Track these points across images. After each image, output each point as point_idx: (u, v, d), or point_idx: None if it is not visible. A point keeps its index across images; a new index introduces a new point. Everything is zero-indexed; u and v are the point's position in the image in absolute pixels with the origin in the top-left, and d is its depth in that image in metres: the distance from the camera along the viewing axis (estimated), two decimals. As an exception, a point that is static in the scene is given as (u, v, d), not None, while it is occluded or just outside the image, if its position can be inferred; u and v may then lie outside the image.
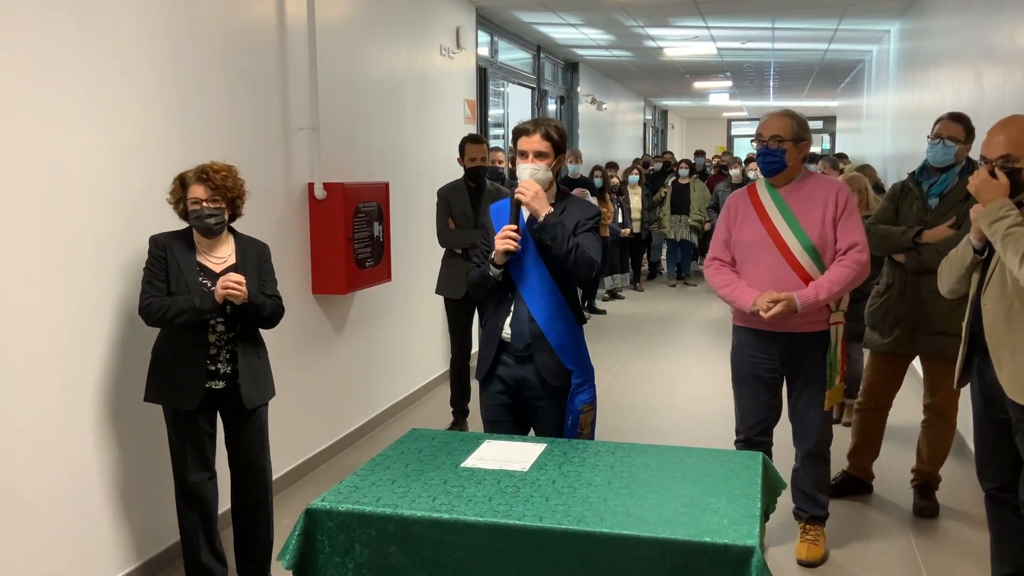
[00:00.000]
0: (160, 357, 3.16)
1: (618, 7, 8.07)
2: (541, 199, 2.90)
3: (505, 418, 3.11)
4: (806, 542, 3.58)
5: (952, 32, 6.20)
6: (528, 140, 2.98)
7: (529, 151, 2.97)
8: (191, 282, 3.09)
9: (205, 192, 3.07)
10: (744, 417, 3.59)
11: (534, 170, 2.95)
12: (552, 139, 2.99)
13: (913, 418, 4.48)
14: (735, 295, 3.40)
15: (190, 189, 3.08)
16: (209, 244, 3.18)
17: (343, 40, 5.01)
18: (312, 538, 2.30)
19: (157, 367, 3.16)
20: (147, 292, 3.08)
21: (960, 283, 3.02)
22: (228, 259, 3.20)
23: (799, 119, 3.40)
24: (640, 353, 7.75)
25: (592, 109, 12.95)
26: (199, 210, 3.08)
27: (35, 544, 3.00)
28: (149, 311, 3.05)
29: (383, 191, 5.15)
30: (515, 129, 3.06)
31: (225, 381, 3.15)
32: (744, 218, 3.46)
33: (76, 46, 3.10)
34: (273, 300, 3.26)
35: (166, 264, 3.09)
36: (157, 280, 3.08)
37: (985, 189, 2.78)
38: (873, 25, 9.21)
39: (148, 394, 3.18)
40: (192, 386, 3.09)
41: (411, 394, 6.07)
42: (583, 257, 2.92)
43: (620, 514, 2.19)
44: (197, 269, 3.13)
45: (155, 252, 3.11)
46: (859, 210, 5.01)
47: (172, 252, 3.10)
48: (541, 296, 2.98)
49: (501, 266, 2.95)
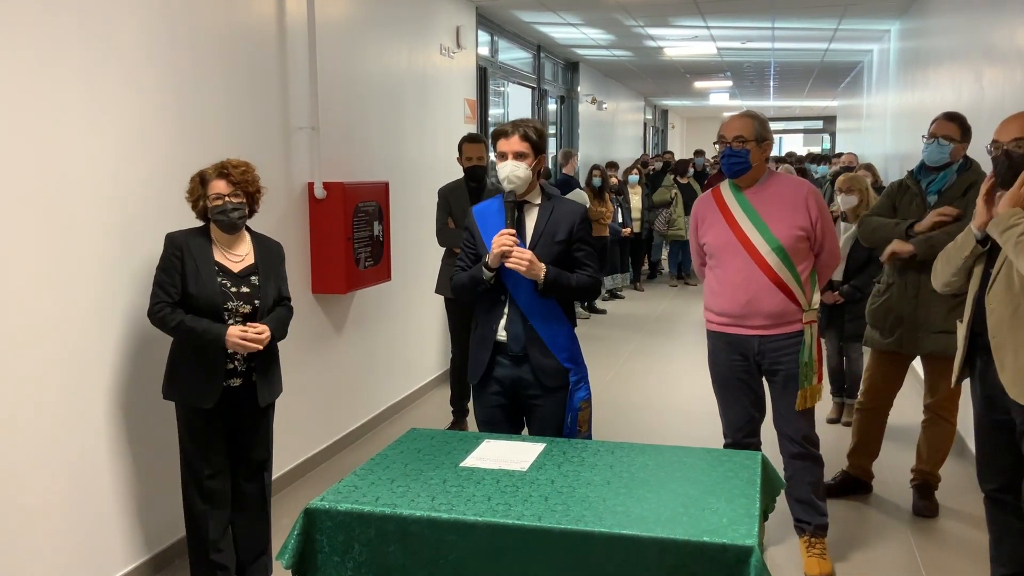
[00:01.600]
0: (178, 356, 3.13)
1: (618, 7, 8.07)
2: (535, 265, 2.91)
3: (500, 420, 3.11)
4: (815, 556, 3.50)
5: (952, 32, 6.20)
6: (507, 141, 3.00)
7: (508, 152, 2.99)
8: (209, 282, 3.06)
9: (227, 187, 3.08)
10: (730, 420, 3.57)
11: (514, 167, 2.96)
12: (531, 139, 3.00)
13: (913, 418, 4.48)
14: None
15: (211, 185, 3.08)
16: (228, 242, 3.16)
17: (343, 39, 5.01)
18: (311, 538, 2.30)
19: (175, 366, 3.14)
20: (158, 296, 3.04)
21: (957, 275, 2.99)
22: (246, 258, 3.19)
23: (761, 119, 3.41)
24: (640, 353, 7.75)
25: (592, 109, 12.95)
26: (222, 204, 3.08)
27: (42, 538, 3.01)
28: (162, 321, 3.03)
29: (383, 191, 5.15)
30: (493, 132, 3.09)
31: (241, 379, 3.15)
32: (711, 222, 3.47)
33: (77, 46, 3.10)
34: (287, 310, 3.29)
35: (182, 263, 3.05)
36: (169, 285, 3.04)
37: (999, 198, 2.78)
38: (873, 25, 9.21)
39: (166, 392, 3.17)
40: (211, 385, 3.08)
41: (410, 394, 6.08)
42: (584, 287, 3.03)
43: (619, 514, 2.19)
44: (215, 268, 3.10)
45: (170, 251, 3.07)
46: (861, 210, 5.06)
47: (189, 250, 3.07)
48: (535, 297, 2.98)
49: (495, 269, 2.96)
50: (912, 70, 7.94)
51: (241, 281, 3.15)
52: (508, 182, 2.97)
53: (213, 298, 3.06)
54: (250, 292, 3.15)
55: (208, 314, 3.05)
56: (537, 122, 3.12)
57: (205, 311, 3.05)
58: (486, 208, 3.15)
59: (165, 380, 3.17)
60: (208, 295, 3.05)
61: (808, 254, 3.39)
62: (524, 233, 3.02)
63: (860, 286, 5.02)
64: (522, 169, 2.97)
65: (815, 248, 3.40)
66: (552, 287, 2.94)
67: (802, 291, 3.35)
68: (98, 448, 3.26)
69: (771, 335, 3.38)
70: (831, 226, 3.46)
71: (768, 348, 3.40)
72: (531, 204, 3.07)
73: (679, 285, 11.80)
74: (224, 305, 3.07)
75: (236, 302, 3.10)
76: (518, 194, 3.01)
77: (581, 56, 11.67)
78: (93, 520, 3.25)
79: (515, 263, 2.88)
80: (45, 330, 3.01)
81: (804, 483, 3.52)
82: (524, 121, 3.06)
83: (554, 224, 3.03)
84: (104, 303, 3.25)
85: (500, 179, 2.99)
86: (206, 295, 3.05)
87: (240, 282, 3.14)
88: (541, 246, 2.98)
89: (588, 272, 3.05)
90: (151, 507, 3.52)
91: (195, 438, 3.15)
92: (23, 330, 2.92)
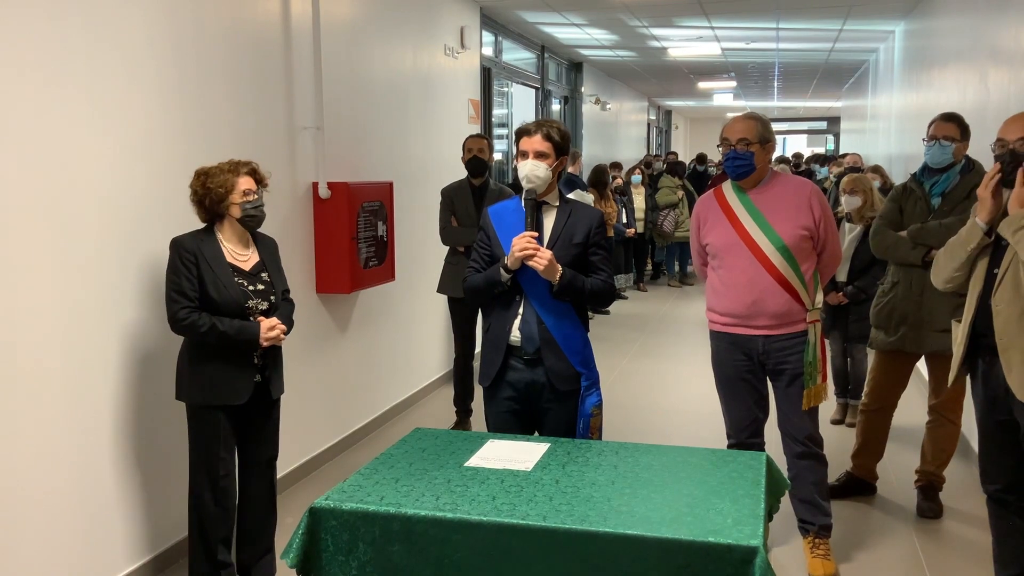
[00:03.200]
0: (201, 356, 3.09)
1: (622, 7, 8.06)
2: (552, 266, 2.89)
3: (512, 425, 3.08)
4: (818, 557, 3.50)
5: (957, 33, 6.19)
6: (529, 140, 2.99)
7: (529, 151, 2.97)
8: (229, 284, 3.07)
9: (255, 184, 3.13)
10: (734, 421, 3.57)
11: (534, 166, 2.95)
12: (553, 140, 2.99)
13: (917, 419, 4.47)
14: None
15: (239, 182, 3.08)
16: (236, 242, 3.17)
17: (348, 40, 5.02)
18: (316, 537, 2.30)
19: (198, 366, 3.10)
20: (180, 302, 3.01)
21: (960, 271, 2.97)
22: (252, 257, 3.21)
23: (764, 121, 3.42)
24: (644, 353, 7.74)
25: (596, 109, 12.95)
26: (255, 200, 3.12)
27: (44, 539, 3.01)
28: (191, 327, 3.00)
29: (387, 190, 5.15)
30: (517, 130, 3.07)
31: (260, 374, 3.18)
32: (713, 222, 3.47)
33: (81, 46, 3.11)
34: (289, 303, 3.31)
35: (198, 268, 3.04)
36: (190, 289, 3.02)
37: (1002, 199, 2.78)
38: (878, 26, 9.20)
39: (185, 394, 3.14)
40: (243, 381, 3.12)
41: (415, 393, 6.08)
42: (598, 291, 3.01)
43: (624, 514, 2.19)
44: (231, 270, 3.11)
45: (184, 256, 3.04)
46: (865, 211, 5.06)
47: (202, 254, 3.06)
48: (550, 299, 2.97)
49: (512, 271, 2.95)
50: (917, 71, 7.93)
51: (254, 279, 3.18)
52: (528, 181, 2.96)
53: (237, 299, 3.08)
54: (264, 289, 3.18)
55: (231, 315, 3.06)
56: (562, 124, 3.11)
57: (227, 313, 3.06)
58: (502, 209, 3.13)
59: (182, 381, 3.15)
60: (231, 297, 3.07)
61: (811, 254, 3.39)
62: (542, 234, 3.00)
63: (864, 287, 5.02)
64: (542, 169, 2.96)
65: (818, 247, 3.41)
66: (567, 289, 2.93)
67: (806, 291, 3.36)
68: (100, 449, 3.26)
69: (776, 335, 3.38)
70: (833, 226, 3.47)
71: (773, 348, 3.40)
72: (550, 205, 3.06)
73: (679, 286, 11.79)
74: (245, 304, 3.10)
75: (255, 300, 3.14)
76: (537, 194, 3.00)
77: (585, 56, 11.67)
78: (95, 521, 3.25)
79: (536, 261, 2.87)
80: (47, 331, 3.01)
81: (808, 483, 3.52)
82: (548, 121, 3.05)
83: (572, 227, 3.01)
84: (107, 305, 3.26)
85: (520, 177, 2.98)
86: (229, 297, 3.06)
87: (254, 280, 3.17)
88: (558, 248, 2.96)
89: (603, 277, 3.04)
90: (154, 507, 3.52)
91: (215, 438, 3.14)
92: (26, 331, 2.93)
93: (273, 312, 3.19)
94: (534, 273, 2.92)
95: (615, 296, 3.00)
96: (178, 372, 3.18)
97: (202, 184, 3.09)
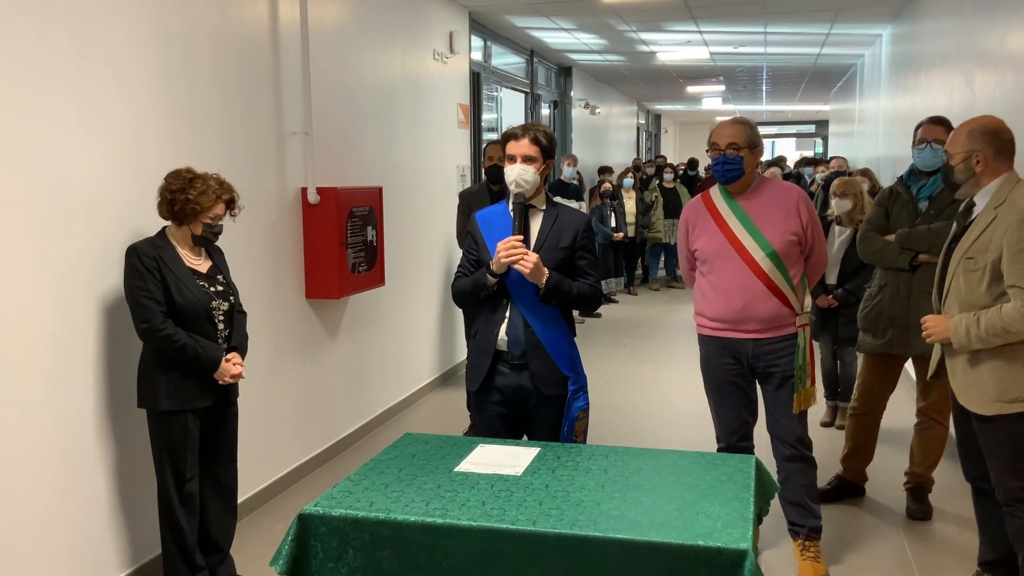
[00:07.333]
0: (164, 363, 3.09)
1: (611, 12, 8.08)
2: (539, 269, 2.89)
3: (500, 429, 3.09)
4: (808, 560, 3.50)
5: (944, 36, 6.23)
6: (516, 144, 2.99)
7: (517, 155, 2.98)
8: (193, 288, 3.12)
9: (224, 211, 3.20)
10: (723, 424, 3.58)
11: (522, 170, 2.96)
12: (540, 144, 2.99)
13: (906, 421, 4.49)
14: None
15: (214, 208, 3.13)
16: (188, 248, 3.21)
17: (336, 44, 5.02)
18: (305, 543, 2.29)
19: (163, 372, 3.09)
20: (151, 310, 3.02)
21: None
22: (205, 260, 3.28)
23: (751, 125, 3.44)
24: (634, 357, 7.75)
25: (585, 113, 12.97)
26: (216, 227, 3.19)
27: (31, 548, 2.99)
28: (167, 339, 3.02)
29: (376, 196, 5.15)
30: (504, 134, 3.07)
31: None
32: (702, 228, 3.48)
33: (69, 51, 3.10)
34: (240, 313, 3.37)
35: (161, 272, 3.06)
36: (159, 295, 3.04)
37: (940, 331, 2.92)
38: (865, 29, 9.25)
39: (146, 401, 3.14)
40: (209, 383, 3.18)
41: (404, 399, 6.07)
42: (585, 295, 3.01)
43: (613, 518, 2.19)
44: (191, 272, 3.16)
45: (147, 264, 3.04)
46: (855, 214, 5.08)
47: (163, 260, 3.08)
48: (536, 303, 2.97)
49: (499, 275, 2.95)
50: (904, 74, 7.97)
51: (213, 281, 3.25)
52: (516, 185, 2.96)
53: (202, 301, 3.14)
54: (223, 290, 3.27)
55: (196, 319, 3.11)
56: (547, 127, 3.11)
57: (192, 316, 3.10)
58: (490, 213, 3.13)
59: (147, 388, 3.14)
60: (196, 300, 3.12)
61: (799, 258, 3.41)
62: (528, 238, 3.00)
63: (854, 290, 5.04)
64: (530, 173, 2.97)
65: (805, 252, 3.42)
66: (553, 292, 2.93)
67: (795, 295, 3.37)
68: (87, 457, 3.24)
69: (765, 339, 3.39)
70: (820, 230, 3.48)
71: (763, 352, 3.41)
72: (536, 209, 3.06)
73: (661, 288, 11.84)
74: (210, 305, 3.17)
75: (217, 300, 3.21)
76: (526, 198, 3.00)
77: (574, 61, 11.69)
78: (83, 529, 3.23)
79: (522, 265, 2.87)
80: (34, 336, 3.00)
81: (798, 486, 3.53)
82: (535, 125, 3.06)
83: (559, 230, 3.02)
84: (94, 309, 3.24)
85: (507, 182, 2.98)
86: (194, 300, 3.11)
87: (213, 282, 3.24)
88: (545, 251, 2.97)
89: (589, 281, 3.04)
90: (142, 516, 3.49)
91: (181, 442, 3.15)
92: (12, 336, 2.91)
93: (233, 313, 3.28)
94: (521, 277, 2.92)
95: (602, 300, 2.99)
96: (142, 378, 3.16)
97: (182, 190, 3.09)
